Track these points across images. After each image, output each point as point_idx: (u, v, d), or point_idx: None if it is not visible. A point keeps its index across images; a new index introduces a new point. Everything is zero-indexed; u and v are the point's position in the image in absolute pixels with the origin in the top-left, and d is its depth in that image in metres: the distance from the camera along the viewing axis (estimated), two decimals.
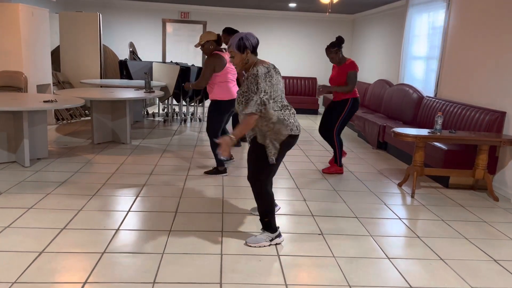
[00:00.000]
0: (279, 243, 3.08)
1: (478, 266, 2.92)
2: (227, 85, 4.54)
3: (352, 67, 4.84)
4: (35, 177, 4.33)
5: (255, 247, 3.01)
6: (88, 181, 4.29)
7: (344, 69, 4.87)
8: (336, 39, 4.89)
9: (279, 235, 3.09)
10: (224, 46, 5.08)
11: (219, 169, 4.75)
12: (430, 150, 4.92)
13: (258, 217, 3.16)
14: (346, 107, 4.91)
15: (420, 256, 3.02)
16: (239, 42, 2.86)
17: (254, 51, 2.92)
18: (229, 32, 5.44)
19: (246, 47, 2.86)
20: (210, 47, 4.47)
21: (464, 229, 3.58)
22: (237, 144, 6.37)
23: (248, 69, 2.92)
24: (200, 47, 4.51)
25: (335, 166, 5.10)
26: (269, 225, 3.05)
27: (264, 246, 3.02)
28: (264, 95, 2.78)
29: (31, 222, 3.23)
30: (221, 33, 5.17)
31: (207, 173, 4.77)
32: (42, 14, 6.78)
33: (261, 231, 3.11)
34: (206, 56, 4.53)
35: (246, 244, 3.03)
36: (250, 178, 3.00)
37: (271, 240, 3.05)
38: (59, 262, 2.65)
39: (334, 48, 4.85)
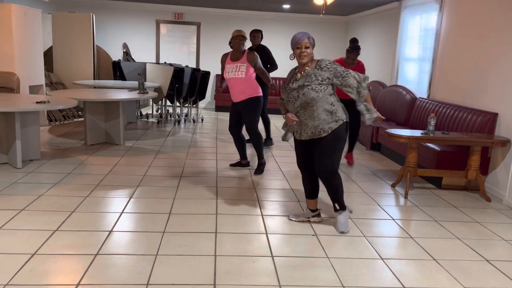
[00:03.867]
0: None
1: (470, 266, 2.94)
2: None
3: (364, 69, 5.33)
4: (28, 179, 4.29)
5: (349, 230, 3.38)
6: (81, 182, 4.27)
7: (360, 71, 5.13)
8: (355, 40, 5.18)
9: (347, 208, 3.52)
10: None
11: (262, 162, 4.98)
12: (423, 151, 4.95)
13: (250, 217, 3.15)
14: None
15: (413, 257, 3.04)
16: (312, 39, 3.24)
17: None
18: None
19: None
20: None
21: (457, 229, 3.61)
22: (270, 143, 6.49)
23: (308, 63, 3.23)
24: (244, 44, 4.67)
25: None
26: (344, 203, 3.45)
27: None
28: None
29: (24, 224, 3.21)
30: (249, 32, 5.39)
31: (257, 173, 4.93)
32: (35, 15, 6.74)
33: (336, 213, 3.43)
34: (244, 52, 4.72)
35: (343, 232, 3.34)
36: (329, 171, 3.26)
37: (347, 215, 3.49)
38: (52, 264, 2.64)
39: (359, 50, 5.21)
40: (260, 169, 4.94)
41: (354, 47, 5.16)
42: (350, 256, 2.98)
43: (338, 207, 3.43)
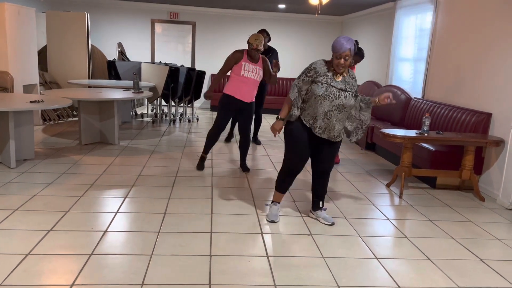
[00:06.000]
0: None
1: (464, 266, 2.96)
2: None
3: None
4: (21, 178, 4.27)
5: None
6: (75, 182, 4.25)
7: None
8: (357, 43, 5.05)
9: None
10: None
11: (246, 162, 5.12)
12: (418, 151, 4.97)
13: (247, 215, 3.15)
14: None
15: (408, 256, 3.05)
16: (354, 46, 3.20)
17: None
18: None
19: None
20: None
21: (451, 229, 3.62)
22: (257, 142, 6.65)
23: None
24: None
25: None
26: None
27: None
28: None
29: (17, 224, 3.19)
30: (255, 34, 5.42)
31: (247, 170, 5.03)
32: (29, 13, 6.70)
33: (319, 211, 3.60)
34: (259, 56, 4.72)
35: (332, 224, 3.51)
36: (331, 168, 3.52)
37: None
38: (46, 264, 2.62)
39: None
40: (247, 167, 5.02)
41: (362, 52, 5.04)
42: (345, 255, 2.99)
43: (322, 204, 3.63)
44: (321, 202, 3.61)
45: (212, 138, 4.84)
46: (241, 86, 4.63)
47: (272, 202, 3.62)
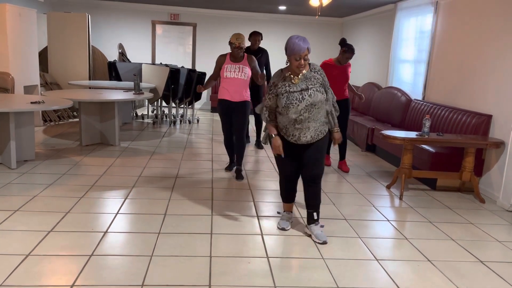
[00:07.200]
0: None
1: (464, 267, 2.96)
2: None
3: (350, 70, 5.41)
4: (22, 179, 4.27)
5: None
6: (75, 183, 4.25)
7: (348, 69, 5.31)
8: (345, 40, 5.26)
9: None
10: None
11: (241, 168, 4.92)
12: (418, 153, 4.97)
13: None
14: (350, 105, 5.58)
15: (408, 258, 3.05)
16: (308, 43, 3.18)
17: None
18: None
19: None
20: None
21: (451, 230, 3.63)
22: (260, 147, 6.55)
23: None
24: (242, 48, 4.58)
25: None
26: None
27: None
28: None
29: (18, 224, 3.19)
30: (248, 35, 5.45)
31: (240, 178, 4.75)
32: (30, 15, 6.71)
33: (316, 224, 3.29)
34: (242, 56, 4.68)
35: (326, 242, 3.18)
36: (322, 170, 3.25)
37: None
38: (46, 265, 2.62)
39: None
40: (241, 175, 4.75)
41: (352, 48, 5.13)
42: (345, 257, 2.99)
43: (316, 217, 3.29)
44: (315, 214, 3.29)
45: (227, 146, 4.93)
46: (227, 87, 4.64)
47: (284, 211, 3.55)
